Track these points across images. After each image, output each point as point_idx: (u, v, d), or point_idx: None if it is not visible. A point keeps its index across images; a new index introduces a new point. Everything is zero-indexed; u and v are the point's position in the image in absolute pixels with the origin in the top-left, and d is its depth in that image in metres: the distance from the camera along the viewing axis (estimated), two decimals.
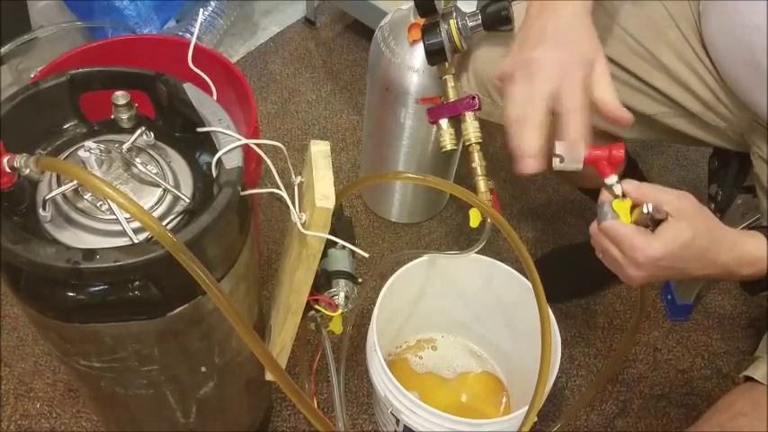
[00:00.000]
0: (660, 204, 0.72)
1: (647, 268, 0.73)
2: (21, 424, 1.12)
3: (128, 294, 0.65)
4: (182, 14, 1.64)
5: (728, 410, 0.79)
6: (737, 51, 0.85)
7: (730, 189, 1.06)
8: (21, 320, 1.23)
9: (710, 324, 1.36)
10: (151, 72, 0.75)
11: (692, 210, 0.73)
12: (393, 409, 0.95)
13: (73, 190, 0.65)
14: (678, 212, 0.72)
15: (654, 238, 0.71)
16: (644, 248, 0.71)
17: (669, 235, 0.71)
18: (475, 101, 0.96)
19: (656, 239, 0.71)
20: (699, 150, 1.62)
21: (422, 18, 0.99)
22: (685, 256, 0.72)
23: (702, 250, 0.72)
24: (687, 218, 0.72)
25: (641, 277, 0.74)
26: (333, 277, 0.80)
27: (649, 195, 0.73)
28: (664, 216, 0.71)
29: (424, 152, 1.31)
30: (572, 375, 1.27)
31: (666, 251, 0.71)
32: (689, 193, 0.73)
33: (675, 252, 0.71)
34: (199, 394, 0.84)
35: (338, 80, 1.73)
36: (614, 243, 0.74)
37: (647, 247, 0.71)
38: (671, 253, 0.71)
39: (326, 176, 0.70)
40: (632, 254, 0.72)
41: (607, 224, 0.74)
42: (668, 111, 0.99)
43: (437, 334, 1.25)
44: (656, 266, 0.72)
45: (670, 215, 0.72)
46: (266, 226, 1.41)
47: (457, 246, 1.44)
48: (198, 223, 0.63)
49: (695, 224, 0.72)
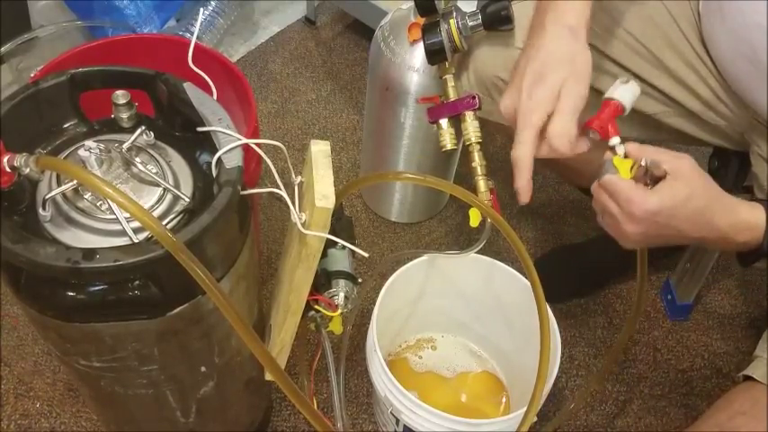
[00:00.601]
0: (659, 162, 0.73)
1: (643, 223, 0.73)
2: (21, 423, 1.12)
3: (128, 294, 0.65)
4: (182, 14, 1.64)
5: (728, 409, 0.80)
6: (739, 50, 0.85)
7: (730, 189, 1.05)
8: (21, 320, 1.23)
9: (710, 324, 1.36)
10: (151, 71, 0.75)
11: (691, 170, 0.73)
12: (393, 409, 0.95)
13: (73, 189, 0.65)
14: (676, 171, 0.73)
15: (651, 192, 0.72)
16: (640, 202, 0.72)
17: (666, 191, 0.72)
18: (475, 100, 0.96)
19: (652, 194, 0.72)
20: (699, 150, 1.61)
21: (422, 18, 0.99)
22: (681, 215, 0.73)
23: (698, 210, 0.73)
24: (685, 177, 0.73)
25: (637, 234, 0.75)
26: (333, 277, 0.80)
27: (649, 153, 0.74)
28: (662, 174, 0.73)
29: (424, 152, 1.31)
30: (572, 375, 1.27)
31: (662, 206, 0.72)
32: (688, 155, 0.74)
33: (671, 208, 0.72)
34: (199, 394, 0.84)
35: (338, 80, 1.73)
36: (612, 197, 0.75)
37: (644, 200, 0.72)
38: (666, 208, 0.72)
39: (326, 176, 0.70)
40: (629, 207, 0.73)
41: (607, 178, 0.75)
42: (668, 110, 0.99)
43: (437, 334, 1.25)
44: (651, 221, 0.73)
45: (668, 174, 0.72)
46: (266, 226, 1.41)
47: (457, 245, 1.44)
48: (198, 223, 0.63)
49: (693, 184, 0.73)
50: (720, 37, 0.88)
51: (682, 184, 0.72)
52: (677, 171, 0.73)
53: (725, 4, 0.85)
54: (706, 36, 0.92)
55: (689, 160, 0.74)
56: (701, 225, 0.74)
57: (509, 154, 0.82)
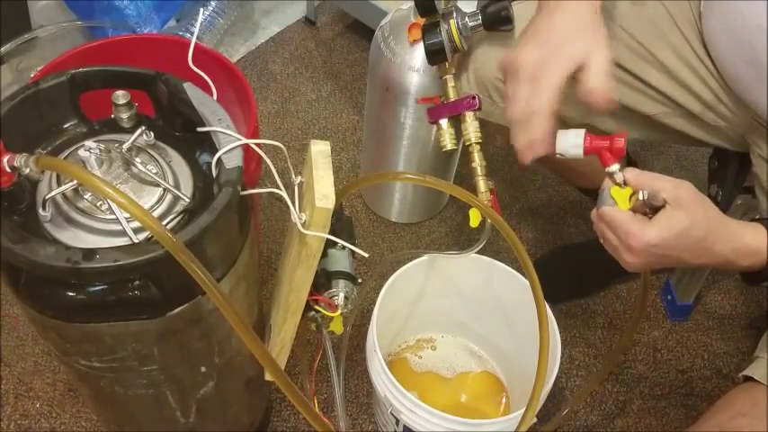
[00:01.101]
0: (657, 192, 0.72)
1: (642, 255, 0.73)
2: (20, 424, 1.13)
3: (128, 294, 0.65)
4: (182, 14, 1.64)
5: (728, 410, 0.80)
6: (739, 51, 0.85)
7: (730, 189, 1.06)
8: (21, 320, 1.23)
9: (710, 324, 1.36)
10: (151, 72, 0.75)
11: (690, 198, 0.72)
12: (393, 409, 0.95)
13: (73, 189, 0.65)
14: (675, 200, 0.72)
15: (649, 225, 0.72)
16: (639, 235, 0.71)
17: (665, 222, 0.71)
18: (475, 101, 0.96)
19: (651, 226, 0.71)
20: (699, 151, 1.62)
21: (422, 18, 0.99)
22: (681, 245, 0.72)
23: (699, 239, 0.72)
24: (684, 206, 0.72)
25: (637, 263, 0.75)
26: (333, 278, 0.80)
27: (647, 183, 0.73)
28: (661, 203, 0.72)
29: (424, 152, 1.31)
30: (572, 375, 1.27)
31: (661, 238, 0.71)
32: (688, 182, 0.73)
33: (671, 240, 0.71)
34: (199, 394, 0.84)
35: (338, 80, 1.73)
36: (611, 229, 0.75)
37: (642, 234, 0.71)
38: (666, 240, 0.71)
39: (326, 176, 0.70)
40: (627, 240, 0.72)
41: (604, 210, 0.75)
42: (668, 111, 0.99)
43: (437, 334, 1.25)
44: (650, 253, 0.72)
45: (667, 203, 0.72)
46: (266, 226, 1.41)
47: (457, 246, 1.44)
48: (198, 223, 0.63)
49: (692, 212, 0.72)
50: (720, 38, 0.88)
51: (681, 213, 0.71)
52: (677, 200, 0.72)
53: (725, 5, 0.85)
54: (706, 37, 0.92)
55: (689, 187, 0.73)
56: (701, 253, 0.74)
57: (509, 154, 0.82)
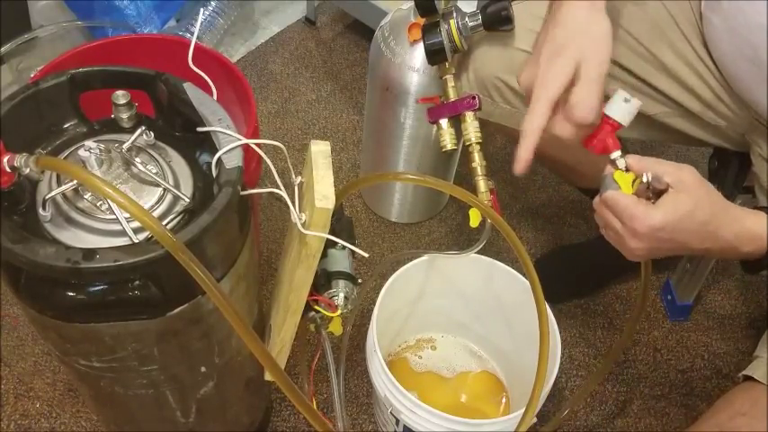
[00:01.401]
0: (660, 175, 0.71)
1: (647, 239, 0.72)
2: (20, 424, 1.12)
3: (127, 294, 0.65)
4: (182, 14, 1.64)
5: (728, 410, 0.80)
6: (740, 50, 0.85)
7: (730, 189, 1.06)
8: (21, 320, 1.23)
9: (710, 324, 1.36)
10: (151, 72, 0.75)
11: (694, 182, 0.72)
12: (393, 409, 0.95)
13: (73, 189, 0.65)
14: (679, 184, 0.71)
15: (653, 208, 0.71)
16: (643, 218, 0.71)
17: (669, 205, 0.71)
18: (475, 101, 0.96)
19: (655, 209, 0.71)
20: (699, 150, 1.62)
21: (422, 18, 0.99)
22: (685, 228, 0.72)
23: (703, 222, 0.72)
24: (688, 189, 0.71)
25: (641, 249, 0.74)
26: (332, 278, 0.80)
27: (650, 167, 0.73)
28: (665, 187, 0.71)
29: (424, 152, 1.31)
30: (572, 376, 1.27)
31: (666, 221, 0.71)
32: (690, 166, 0.73)
33: (675, 223, 0.71)
34: (198, 394, 0.84)
35: (338, 80, 1.73)
36: (614, 214, 0.74)
37: (646, 216, 0.71)
38: (670, 223, 0.71)
39: (326, 176, 0.70)
40: (631, 224, 0.72)
41: (608, 194, 0.74)
42: (669, 110, 0.99)
43: (437, 334, 1.25)
44: (655, 237, 0.72)
45: (671, 186, 0.71)
46: (266, 226, 1.41)
47: (457, 246, 1.44)
48: (198, 223, 0.63)
49: (696, 196, 0.71)
50: (721, 37, 0.88)
51: (685, 196, 0.71)
52: (680, 183, 0.71)
53: (726, 5, 0.85)
54: (707, 36, 0.92)
55: (691, 171, 0.73)
56: (705, 237, 0.73)
57: (509, 154, 0.82)
